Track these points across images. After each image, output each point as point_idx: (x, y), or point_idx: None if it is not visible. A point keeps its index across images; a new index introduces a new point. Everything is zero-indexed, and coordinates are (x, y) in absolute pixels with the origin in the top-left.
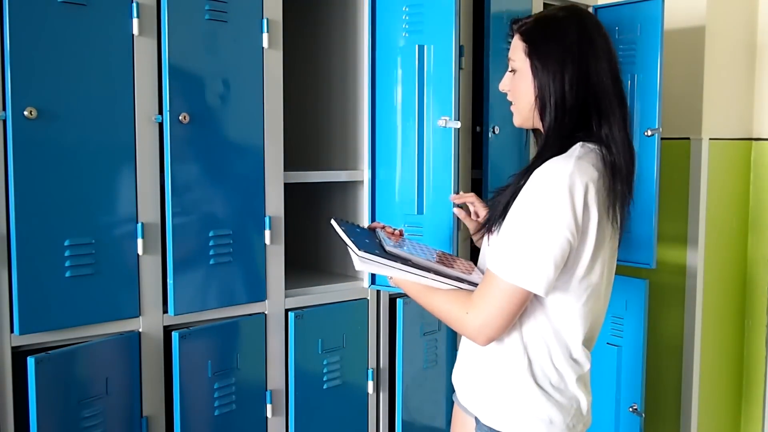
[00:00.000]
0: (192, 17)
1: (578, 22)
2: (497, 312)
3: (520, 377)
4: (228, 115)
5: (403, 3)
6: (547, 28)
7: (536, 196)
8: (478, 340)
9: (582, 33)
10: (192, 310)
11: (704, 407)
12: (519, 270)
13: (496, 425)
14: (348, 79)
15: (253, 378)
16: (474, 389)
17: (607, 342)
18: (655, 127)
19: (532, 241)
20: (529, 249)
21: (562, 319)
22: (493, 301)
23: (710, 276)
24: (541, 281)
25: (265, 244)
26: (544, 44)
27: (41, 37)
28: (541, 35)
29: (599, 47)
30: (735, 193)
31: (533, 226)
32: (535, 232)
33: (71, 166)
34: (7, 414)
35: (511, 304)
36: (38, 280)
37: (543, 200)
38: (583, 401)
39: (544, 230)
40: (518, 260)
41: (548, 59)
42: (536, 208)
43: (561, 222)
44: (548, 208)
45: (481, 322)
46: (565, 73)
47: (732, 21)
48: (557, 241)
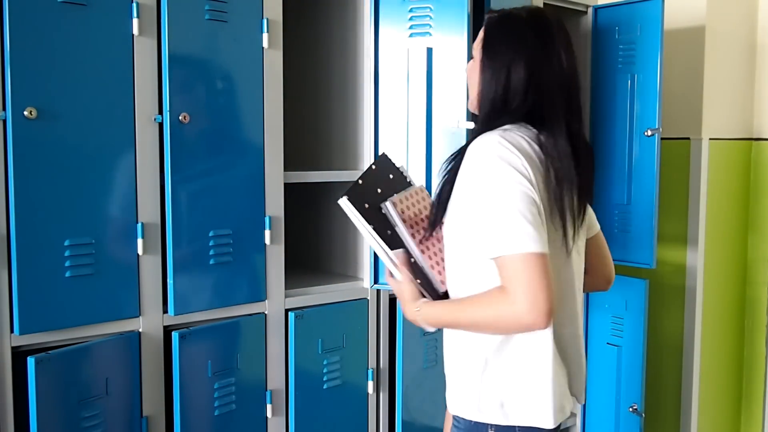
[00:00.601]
0: (192, 17)
1: (539, 26)
2: (531, 287)
3: (469, 361)
4: (228, 115)
5: (410, 3)
6: (506, 26)
7: (475, 167)
8: (539, 322)
9: (538, 38)
10: (192, 310)
11: (704, 407)
12: (501, 240)
13: (458, 413)
14: (348, 79)
15: (253, 378)
16: (447, 382)
17: (607, 342)
18: (655, 127)
19: (491, 209)
20: (493, 218)
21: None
22: (519, 279)
23: (710, 276)
24: (525, 239)
25: (265, 244)
26: (498, 41)
27: (41, 37)
28: (499, 31)
29: (554, 55)
30: (735, 193)
31: (483, 196)
32: (487, 201)
33: (71, 166)
34: (7, 414)
35: (533, 271)
36: (38, 280)
37: (480, 171)
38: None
39: (494, 194)
40: (493, 233)
41: (497, 56)
42: (477, 182)
43: (505, 179)
44: (487, 174)
45: (529, 305)
46: (512, 73)
47: (732, 21)
48: (513, 196)
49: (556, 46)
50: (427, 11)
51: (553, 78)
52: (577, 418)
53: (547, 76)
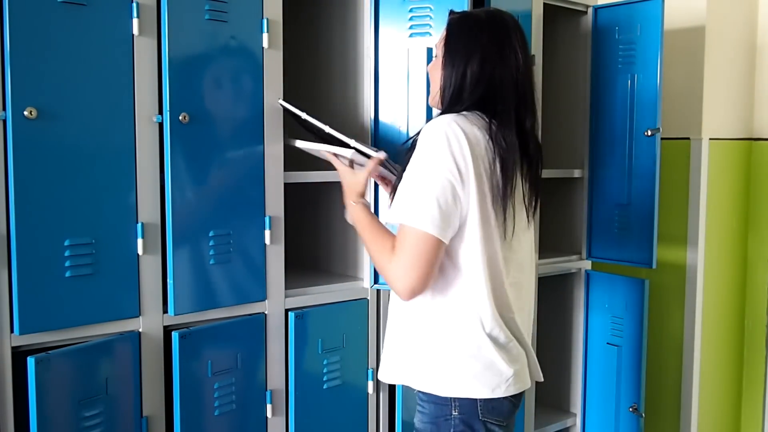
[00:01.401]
0: (192, 17)
1: (496, 26)
2: (411, 260)
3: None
4: (228, 115)
5: (410, 3)
6: (465, 25)
7: (420, 145)
8: (401, 292)
9: (493, 38)
10: (192, 310)
11: (704, 407)
12: (409, 211)
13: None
14: (348, 79)
15: (253, 378)
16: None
17: (607, 342)
18: (655, 127)
19: (416, 183)
20: (413, 191)
21: (465, 288)
22: (405, 248)
23: (710, 276)
24: (427, 219)
25: (265, 244)
26: (458, 39)
27: (41, 37)
28: (459, 30)
29: (509, 54)
30: (735, 193)
31: (417, 170)
32: (417, 175)
33: (71, 166)
34: (7, 414)
35: (420, 249)
36: (38, 280)
37: (425, 147)
38: (501, 363)
39: (425, 172)
40: (407, 202)
41: (456, 54)
42: (420, 155)
43: (439, 163)
44: (428, 152)
45: (398, 275)
46: (468, 69)
47: (732, 21)
48: (438, 181)
49: (512, 45)
50: (427, 11)
51: (507, 75)
52: (577, 418)
53: (501, 73)
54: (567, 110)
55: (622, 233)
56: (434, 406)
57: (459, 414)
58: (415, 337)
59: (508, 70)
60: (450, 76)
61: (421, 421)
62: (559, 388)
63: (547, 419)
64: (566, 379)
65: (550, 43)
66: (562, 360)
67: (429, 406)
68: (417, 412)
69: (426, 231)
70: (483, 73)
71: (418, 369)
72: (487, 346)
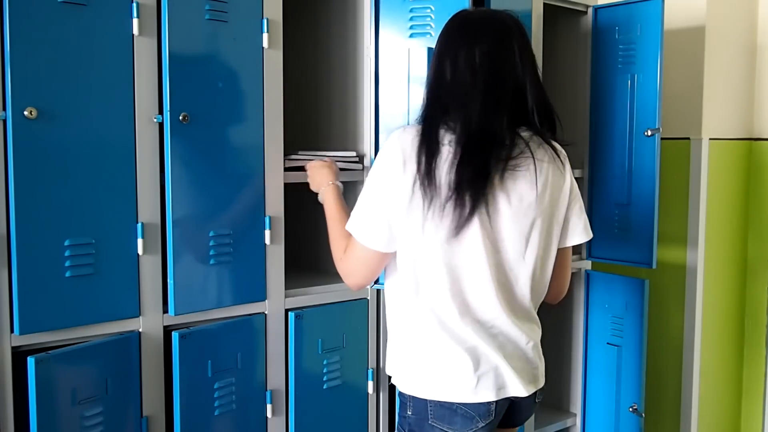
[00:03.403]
0: (192, 17)
1: (453, 25)
2: (354, 266)
3: (402, 337)
4: (228, 115)
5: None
6: (447, 24)
7: (377, 158)
8: (349, 287)
9: (448, 37)
10: (192, 310)
11: (704, 407)
12: (357, 226)
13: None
14: (348, 79)
15: (253, 378)
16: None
17: (607, 342)
18: (655, 127)
19: (364, 199)
20: (361, 206)
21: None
22: (352, 256)
23: (710, 276)
24: (372, 236)
25: (265, 244)
26: (440, 36)
27: (41, 37)
28: (443, 29)
29: (462, 52)
30: (735, 193)
31: (367, 185)
32: (366, 191)
33: (71, 166)
34: (7, 414)
35: (364, 259)
36: (38, 280)
37: (377, 161)
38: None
39: (372, 187)
40: (356, 217)
41: (438, 49)
42: (372, 170)
43: (384, 177)
44: (377, 166)
45: (345, 273)
46: (432, 68)
47: (732, 21)
48: (381, 195)
49: (468, 43)
50: (428, 11)
51: (459, 74)
52: (577, 418)
53: (453, 72)
54: (567, 110)
55: (622, 233)
56: (398, 402)
57: (412, 414)
58: (393, 332)
59: (459, 71)
60: (427, 75)
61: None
62: (559, 388)
63: (547, 419)
64: (566, 379)
65: (550, 43)
66: (562, 360)
67: (398, 400)
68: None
69: (370, 247)
70: (438, 73)
71: (393, 363)
72: (449, 349)
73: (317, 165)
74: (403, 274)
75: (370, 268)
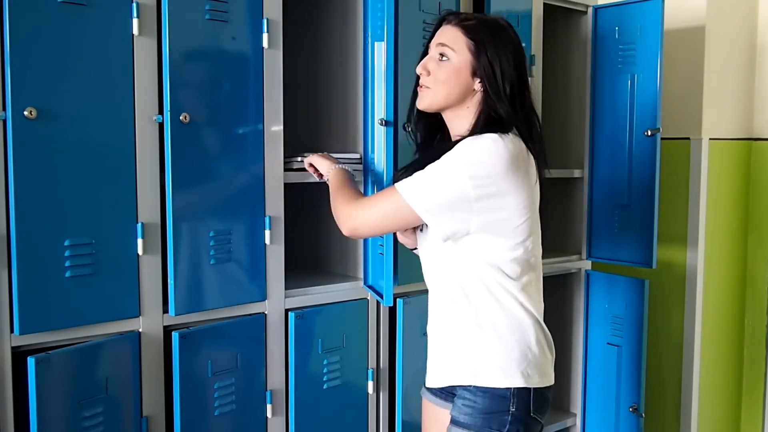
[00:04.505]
0: (192, 17)
1: (515, 35)
2: (373, 210)
3: (467, 330)
4: (228, 115)
5: None
6: (496, 33)
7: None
8: (342, 226)
9: (517, 44)
10: (192, 310)
11: (704, 407)
12: (414, 188)
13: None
14: (348, 79)
15: (253, 378)
16: (445, 364)
17: (607, 342)
18: (655, 127)
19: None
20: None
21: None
22: (376, 198)
23: (710, 276)
24: (422, 202)
25: (265, 244)
26: (494, 46)
27: (41, 37)
28: (490, 37)
29: (522, 57)
30: (735, 193)
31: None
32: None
33: (71, 166)
34: (7, 414)
35: (389, 209)
36: (38, 280)
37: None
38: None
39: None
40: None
41: (496, 60)
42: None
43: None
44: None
45: (355, 212)
46: (507, 74)
47: (732, 21)
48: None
49: (522, 51)
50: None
51: (524, 76)
52: (577, 418)
53: (524, 75)
54: (567, 110)
55: (622, 233)
56: (489, 401)
57: (516, 410)
58: (471, 333)
59: (523, 74)
60: (493, 81)
61: (468, 415)
62: (559, 388)
63: (547, 419)
64: (566, 379)
65: (550, 43)
66: (562, 360)
67: (482, 401)
68: (461, 406)
69: (408, 201)
70: (517, 78)
71: (477, 362)
72: (544, 334)
73: (318, 155)
74: (507, 267)
75: (389, 223)
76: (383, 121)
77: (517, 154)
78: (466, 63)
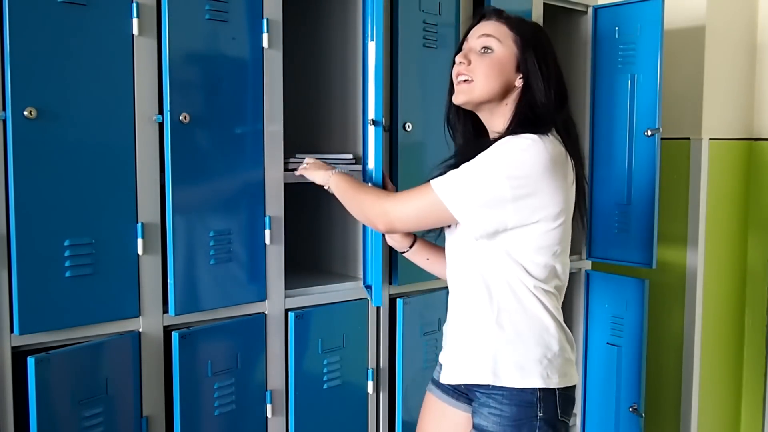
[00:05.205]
0: (192, 17)
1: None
2: (407, 206)
3: (487, 329)
4: (228, 115)
5: None
6: (540, 32)
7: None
8: (378, 222)
9: (554, 48)
10: (192, 310)
11: (704, 407)
12: (451, 186)
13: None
14: (348, 79)
15: (253, 378)
16: (463, 362)
17: (607, 342)
18: (655, 127)
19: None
20: (468, 178)
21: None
22: (410, 194)
23: (710, 276)
24: (461, 203)
25: (265, 244)
26: (540, 43)
27: (41, 37)
28: (536, 35)
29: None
30: (735, 193)
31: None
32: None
33: (71, 166)
34: (7, 414)
35: (424, 205)
36: (38, 280)
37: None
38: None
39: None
40: (455, 180)
41: (540, 58)
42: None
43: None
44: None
45: (389, 207)
46: (552, 73)
47: (732, 21)
48: (495, 185)
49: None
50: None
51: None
52: (577, 418)
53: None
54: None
55: (622, 233)
56: (516, 408)
57: (544, 414)
58: (491, 332)
59: (565, 87)
60: (538, 78)
61: (495, 423)
62: None
63: None
64: None
65: None
66: None
67: (509, 408)
68: (487, 414)
69: (449, 208)
70: (558, 77)
71: (493, 363)
72: (565, 332)
73: (311, 163)
74: (533, 269)
75: (425, 221)
76: (372, 122)
77: (556, 156)
78: (512, 56)
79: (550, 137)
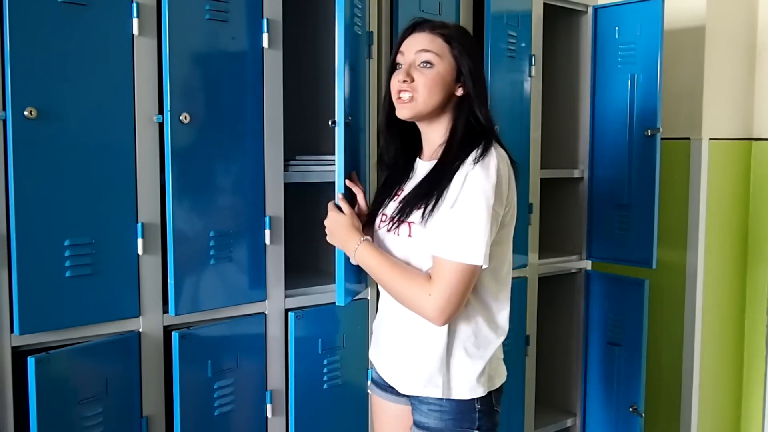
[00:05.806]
0: (192, 17)
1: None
2: (454, 292)
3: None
4: (228, 115)
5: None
6: (468, 38)
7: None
8: (438, 320)
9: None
10: (192, 310)
11: (704, 407)
12: (465, 249)
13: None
14: None
15: (253, 378)
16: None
17: (607, 342)
18: (656, 127)
19: (473, 220)
20: (470, 228)
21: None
22: (449, 282)
23: (710, 276)
24: (481, 254)
25: (265, 244)
26: (471, 50)
27: (41, 37)
28: (466, 42)
29: None
30: (735, 193)
31: (474, 208)
32: (474, 213)
33: (71, 166)
34: (7, 414)
35: (468, 282)
36: (38, 280)
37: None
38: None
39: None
40: (461, 239)
41: (475, 64)
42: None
43: (494, 201)
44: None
45: (444, 303)
46: (483, 77)
47: (732, 21)
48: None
49: None
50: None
51: None
52: (577, 418)
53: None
54: (567, 110)
55: (622, 233)
56: (456, 403)
57: (481, 406)
58: (443, 351)
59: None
60: (478, 86)
61: (437, 419)
62: (559, 388)
63: (547, 419)
64: (566, 379)
65: (550, 43)
66: (562, 360)
67: (448, 403)
68: (427, 411)
69: (478, 264)
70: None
71: (447, 381)
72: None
73: (336, 219)
74: (489, 288)
75: (470, 288)
76: (333, 122)
77: (509, 162)
78: (451, 69)
79: (498, 146)
